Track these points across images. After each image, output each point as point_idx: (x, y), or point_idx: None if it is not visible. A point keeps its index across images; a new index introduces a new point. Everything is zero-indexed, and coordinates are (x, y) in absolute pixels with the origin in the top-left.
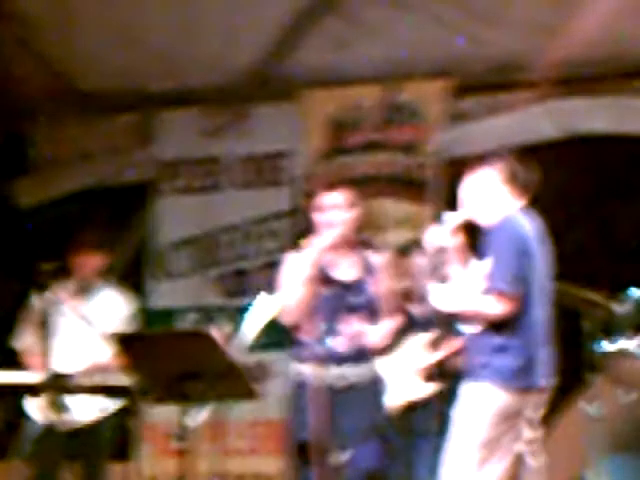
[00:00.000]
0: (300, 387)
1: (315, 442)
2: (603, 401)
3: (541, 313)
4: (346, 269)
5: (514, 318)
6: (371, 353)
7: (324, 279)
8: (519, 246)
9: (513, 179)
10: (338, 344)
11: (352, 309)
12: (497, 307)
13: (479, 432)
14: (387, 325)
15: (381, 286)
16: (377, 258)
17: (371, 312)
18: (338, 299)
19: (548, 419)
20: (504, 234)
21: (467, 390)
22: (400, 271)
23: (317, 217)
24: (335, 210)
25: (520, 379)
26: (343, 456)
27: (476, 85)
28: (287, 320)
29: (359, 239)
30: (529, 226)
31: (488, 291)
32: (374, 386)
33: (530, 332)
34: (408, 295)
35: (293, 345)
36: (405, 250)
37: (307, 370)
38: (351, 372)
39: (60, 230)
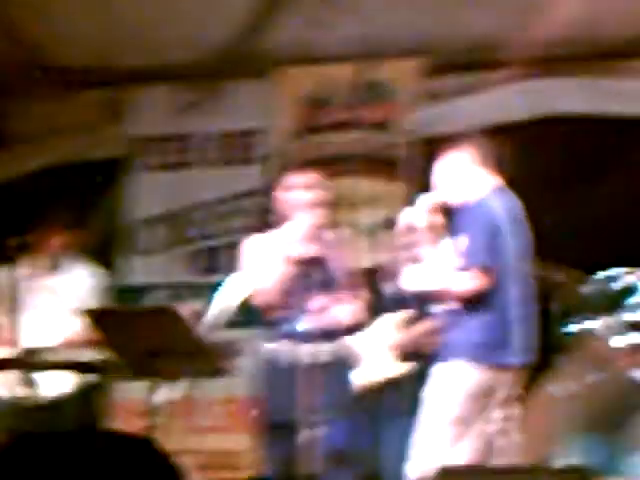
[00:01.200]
0: (269, 365)
1: (284, 420)
2: (570, 381)
3: (516, 292)
4: (308, 247)
5: (487, 296)
6: (340, 331)
7: (287, 259)
8: (492, 227)
9: (484, 159)
10: (307, 322)
11: (317, 286)
12: (472, 282)
13: (452, 409)
14: (352, 303)
15: (341, 263)
16: (337, 236)
17: (335, 288)
18: (303, 276)
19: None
20: (478, 214)
21: (440, 368)
22: (372, 249)
23: (289, 196)
24: (303, 190)
25: (493, 356)
26: (312, 433)
27: (450, 65)
28: (261, 300)
29: None
30: (503, 207)
31: (464, 267)
32: (344, 364)
33: (503, 310)
34: (380, 273)
35: (263, 323)
36: (377, 228)
37: (277, 348)
38: (320, 350)
39: (30, 206)
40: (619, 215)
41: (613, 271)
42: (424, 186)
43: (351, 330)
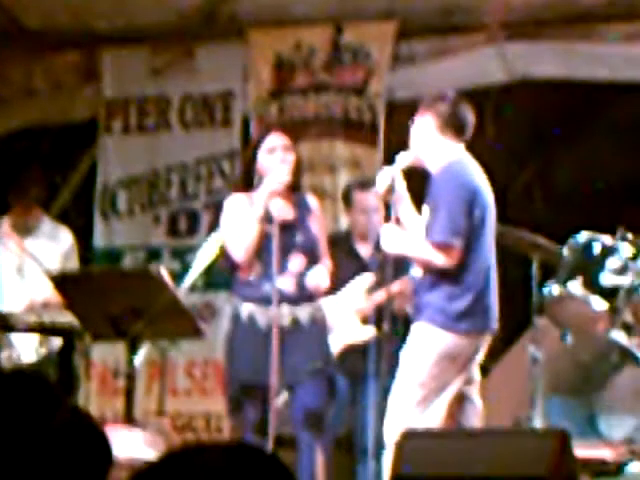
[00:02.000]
0: (244, 326)
1: (259, 381)
2: (547, 343)
3: (491, 258)
4: (285, 209)
5: (463, 264)
6: (318, 293)
7: (266, 219)
8: (466, 193)
9: (449, 123)
10: (283, 283)
11: (294, 248)
12: (438, 258)
13: (421, 371)
14: (327, 265)
15: (318, 227)
16: (311, 198)
17: (312, 251)
18: (281, 238)
19: (497, 361)
20: (449, 182)
21: (414, 330)
22: (355, 208)
23: (265, 158)
24: (281, 151)
25: (466, 322)
26: (287, 395)
27: (426, 28)
28: (241, 258)
29: (293, 181)
30: (477, 171)
31: (433, 241)
32: (319, 326)
33: (478, 277)
34: (357, 233)
35: (237, 284)
36: (360, 186)
37: (251, 309)
38: (296, 311)
39: (6, 168)
40: (589, 180)
41: (589, 235)
42: (400, 150)
43: (326, 292)
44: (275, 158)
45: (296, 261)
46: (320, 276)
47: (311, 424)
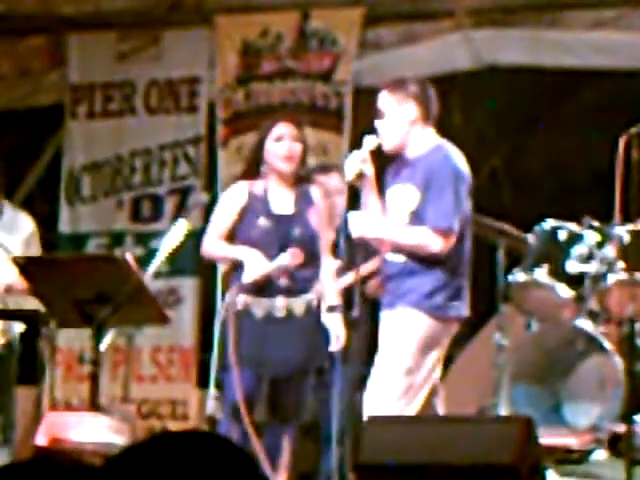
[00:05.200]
0: (238, 316)
1: (252, 371)
2: (513, 331)
3: (468, 244)
4: (285, 202)
5: (455, 249)
6: (314, 285)
7: (263, 211)
8: (463, 177)
9: (428, 107)
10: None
11: (291, 242)
12: (437, 243)
13: (406, 358)
14: (327, 264)
15: (319, 221)
16: (315, 191)
17: (309, 244)
18: (278, 231)
19: (462, 348)
20: (443, 166)
21: (394, 316)
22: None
23: (274, 145)
24: (289, 141)
25: (447, 308)
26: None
27: (394, 14)
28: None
29: (300, 173)
30: (458, 155)
31: (430, 227)
32: (314, 317)
33: (460, 263)
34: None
35: (234, 274)
36: (320, 170)
37: (246, 300)
38: (291, 303)
39: None
40: (556, 167)
41: (555, 222)
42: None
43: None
44: (282, 147)
45: (295, 253)
46: (321, 268)
47: (285, 416)
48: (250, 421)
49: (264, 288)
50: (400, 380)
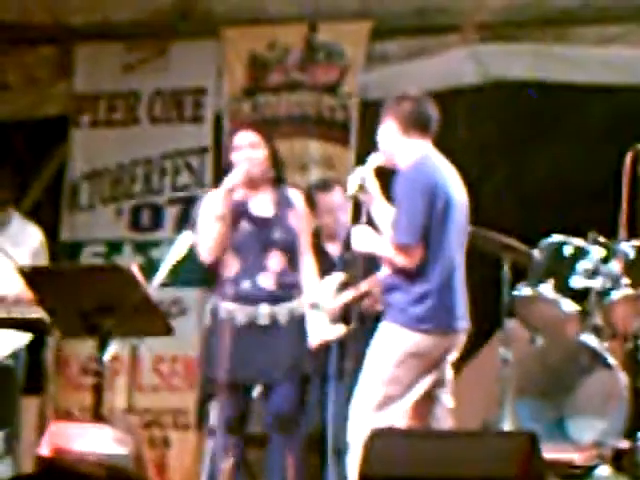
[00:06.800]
0: (221, 324)
1: (237, 379)
2: (517, 345)
3: (458, 258)
4: (264, 205)
5: (425, 263)
6: (297, 291)
7: (243, 215)
8: (424, 191)
9: (411, 123)
10: (263, 281)
11: (273, 245)
12: (399, 258)
13: (384, 370)
14: (309, 262)
15: (299, 223)
16: (294, 193)
17: (291, 247)
18: (258, 235)
19: (467, 362)
20: (408, 181)
21: (379, 330)
22: (320, 208)
23: (233, 156)
24: (247, 149)
25: (428, 322)
26: (261, 394)
27: (400, 28)
28: (205, 257)
29: (274, 176)
30: (444, 168)
31: (392, 241)
32: (298, 324)
33: (441, 277)
34: (325, 233)
35: (215, 282)
36: (322, 187)
37: (230, 307)
38: (275, 310)
39: None
40: (561, 182)
41: (560, 237)
42: (373, 149)
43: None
44: (241, 156)
45: (275, 259)
46: (302, 273)
47: (282, 427)
48: (245, 435)
49: (247, 296)
50: (377, 391)
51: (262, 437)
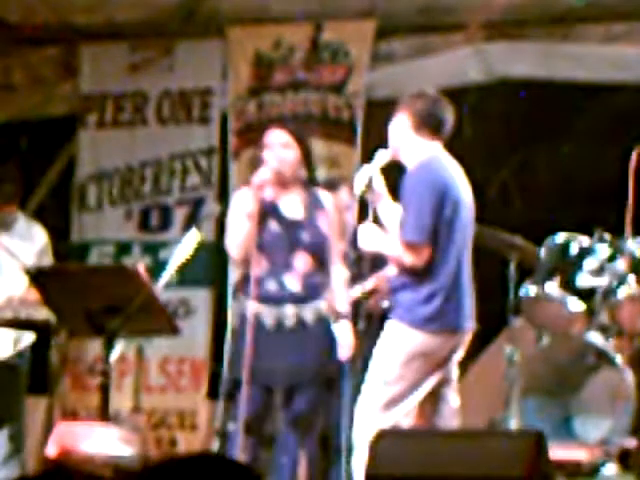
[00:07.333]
0: (248, 326)
1: (262, 382)
2: (524, 344)
3: (465, 258)
4: (294, 206)
5: (433, 263)
6: (323, 292)
7: (273, 216)
8: (434, 191)
9: (425, 121)
10: (289, 282)
11: (300, 246)
12: (407, 257)
13: (390, 370)
14: (339, 265)
15: (329, 226)
16: (325, 195)
17: (320, 249)
18: (287, 236)
19: (473, 361)
20: (418, 180)
21: (386, 329)
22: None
23: (264, 154)
24: (278, 148)
25: (436, 322)
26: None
27: (405, 27)
28: (235, 255)
29: (305, 177)
30: (453, 168)
31: (400, 241)
32: (325, 325)
33: (449, 276)
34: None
35: (244, 281)
36: (329, 186)
37: (256, 308)
38: (301, 311)
39: None
40: (566, 180)
41: (566, 236)
42: (379, 148)
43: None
44: (271, 154)
45: (302, 260)
46: (331, 275)
47: (301, 428)
48: (261, 435)
49: (273, 296)
50: (383, 391)
51: (269, 437)
